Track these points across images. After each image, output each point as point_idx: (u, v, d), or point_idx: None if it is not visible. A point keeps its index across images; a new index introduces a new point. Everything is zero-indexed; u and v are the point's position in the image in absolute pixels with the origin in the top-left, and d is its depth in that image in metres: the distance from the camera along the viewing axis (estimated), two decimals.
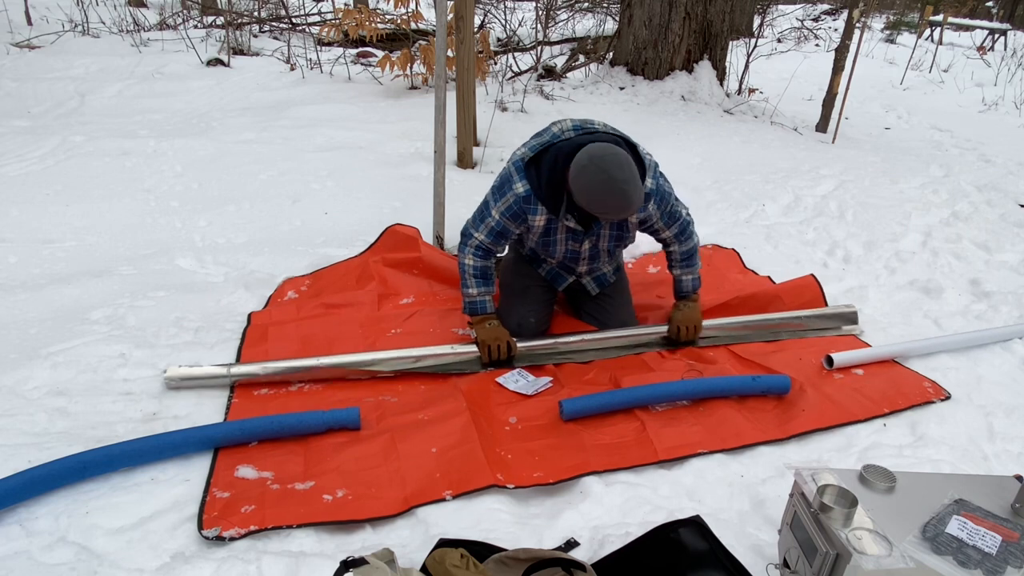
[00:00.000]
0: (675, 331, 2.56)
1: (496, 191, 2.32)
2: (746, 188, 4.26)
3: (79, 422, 1.95)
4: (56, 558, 1.51)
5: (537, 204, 2.25)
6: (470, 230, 2.39)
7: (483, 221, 2.35)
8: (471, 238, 2.38)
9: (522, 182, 2.24)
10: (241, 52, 6.71)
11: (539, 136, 2.32)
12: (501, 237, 2.35)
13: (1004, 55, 10.52)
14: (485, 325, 2.41)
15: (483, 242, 2.36)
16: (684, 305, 2.60)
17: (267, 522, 1.65)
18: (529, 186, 2.23)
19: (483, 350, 2.39)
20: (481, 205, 2.39)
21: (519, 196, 2.25)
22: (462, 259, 2.40)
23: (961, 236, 3.74)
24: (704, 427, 2.12)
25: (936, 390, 2.38)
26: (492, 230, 2.33)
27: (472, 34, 3.99)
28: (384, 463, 1.88)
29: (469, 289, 2.41)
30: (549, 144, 2.24)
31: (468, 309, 2.44)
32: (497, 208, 2.29)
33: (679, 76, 6.02)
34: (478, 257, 2.38)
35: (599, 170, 2.03)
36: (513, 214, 2.28)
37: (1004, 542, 1.33)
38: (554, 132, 2.29)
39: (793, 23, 12.52)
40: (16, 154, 3.82)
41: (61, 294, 2.60)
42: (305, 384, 2.24)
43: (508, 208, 2.27)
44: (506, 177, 2.30)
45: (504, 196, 2.28)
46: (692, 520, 1.67)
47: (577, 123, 2.30)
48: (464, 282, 2.41)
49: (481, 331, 2.41)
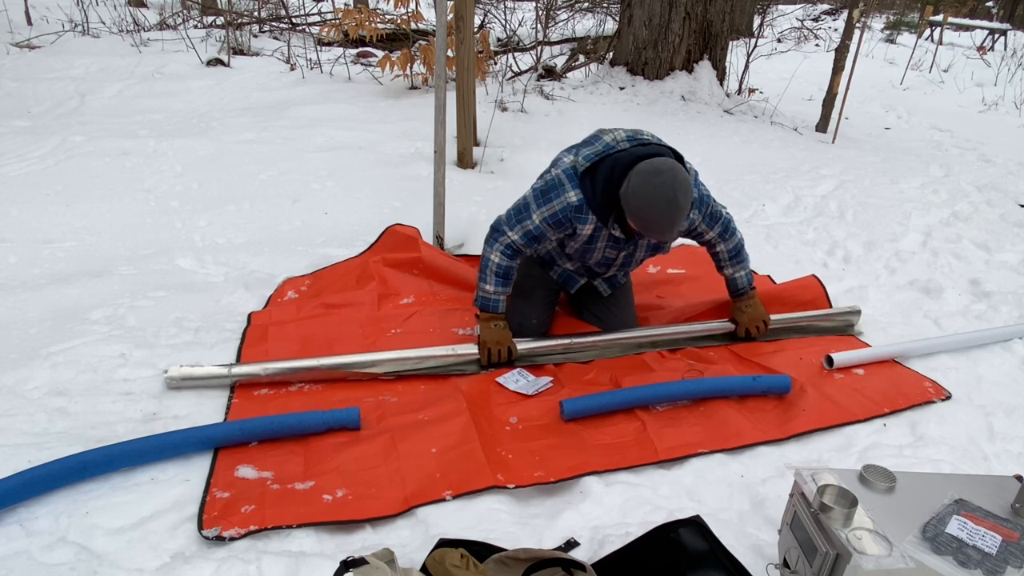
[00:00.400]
0: (744, 332, 2.61)
1: (541, 195, 2.27)
2: (746, 188, 4.26)
3: (79, 422, 1.95)
4: (56, 558, 1.51)
5: (588, 214, 2.23)
6: (504, 227, 2.33)
7: (520, 223, 2.29)
8: (503, 235, 2.33)
9: (575, 191, 2.21)
10: (241, 52, 6.71)
11: (590, 145, 2.27)
12: (536, 241, 2.32)
13: (1004, 55, 10.53)
14: (491, 325, 2.39)
15: (515, 242, 2.31)
16: (746, 305, 2.62)
17: (267, 522, 1.65)
18: (583, 196, 2.20)
19: (483, 351, 2.38)
20: (519, 205, 2.33)
21: (571, 205, 2.21)
22: (488, 254, 2.35)
23: (961, 236, 3.74)
24: (705, 427, 2.12)
25: (937, 390, 2.38)
26: (529, 233, 2.29)
27: (472, 34, 3.99)
28: (384, 463, 1.88)
29: (487, 285, 2.37)
30: (604, 155, 2.21)
31: (480, 303, 2.41)
32: (540, 213, 2.25)
33: (679, 76, 6.02)
34: (506, 256, 2.34)
35: (663, 189, 2.03)
36: (558, 221, 2.25)
37: (1004, 542, 1.33)
38: (607, 142, 2.24)
39: (793, 23, 12.52)
40: (16, 154, 3.82)
41: (61, 294, 2.60)
42: (305, 384, 2.24)
43: (554, 215, 2.24)
44: (555, 184, 2.24)
45: (550, 202, 2.23)
46: (692, 520, 1.66)
47: (630, 133, 2.26)
48: (483, 276, 2.37)
49: (486, 331, 2.39)
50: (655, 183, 2.04)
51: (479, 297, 2.41)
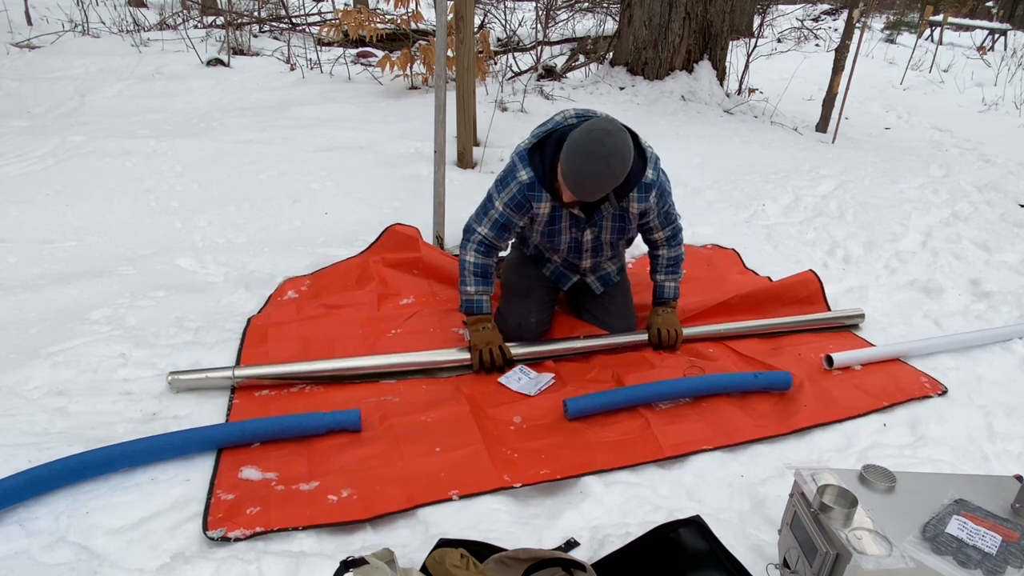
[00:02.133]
0: (656, 336, 2.54)
1: (499, 183, 2.31)
2: (746, 188, 4.26)
3: (79, 422, 1.95)
4: (56, 558, 1.51)
5: (541, 191, 2.24)
6: (473, 225, 2.37)
7: (486, 214, 2.33)
8: (474, 233, 2.36)
9: (526, 170, 2.23)
10: (241, 52, 6.71)
11: (542, 126, 2.32)
12: (504, 230, 2.33)
13: (1004, 55, 10.53)
14: (479, 328, 2.38)
15: (486, 236, 2.33)
16: (663, 311, 2.58)
17: (272, 524, 1.65)
18: (533, 173, 2.22)
19: (475, 355, 2.34)
20: (484, 200, 2.37)
21: (523, 184, 2.23)
22: (463, 256, 2.38)
23: (961, 236, 3.74)
24: (707, 424, 2.13)
25: (933, 385, 2.40)
26: (496, 223, 2.31)
27: (472, 34, 3.99)
28: (388, 463, 1.88)
29: (467, 287, 2.38)
30: (552, 130, 2.24)
31: (464, 308, 2.41)
32: (500, 199, 2.28)
33: (679, 76, 6.02)
34: (480, 254, 2.36)
35: (591, 142, 2.01)
36: (517, 203, 2.26)
37: (1004, 542, 1.33)
38: (556, 120, 2.29)
39: (793, 23, 12.52)
40: (16, 154, 3.82)
41: (61, 294, 2.60)
42: (307, 385, 2.24)
43: (512, 198, 2.26)
44: (509, 168, 2.29)
45: (507, 186, 2.26)
46: (692, 520, 1.67)
47: (580, 111, 2.30)
48: (463, 279, 2.39)
49: (475, 334, 2.37)
50: (585, 137, 2.03)
51: (463, 302, 2.41)
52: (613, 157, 2.03)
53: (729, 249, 3.46)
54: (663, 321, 2.56)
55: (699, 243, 3.51)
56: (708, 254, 3.39)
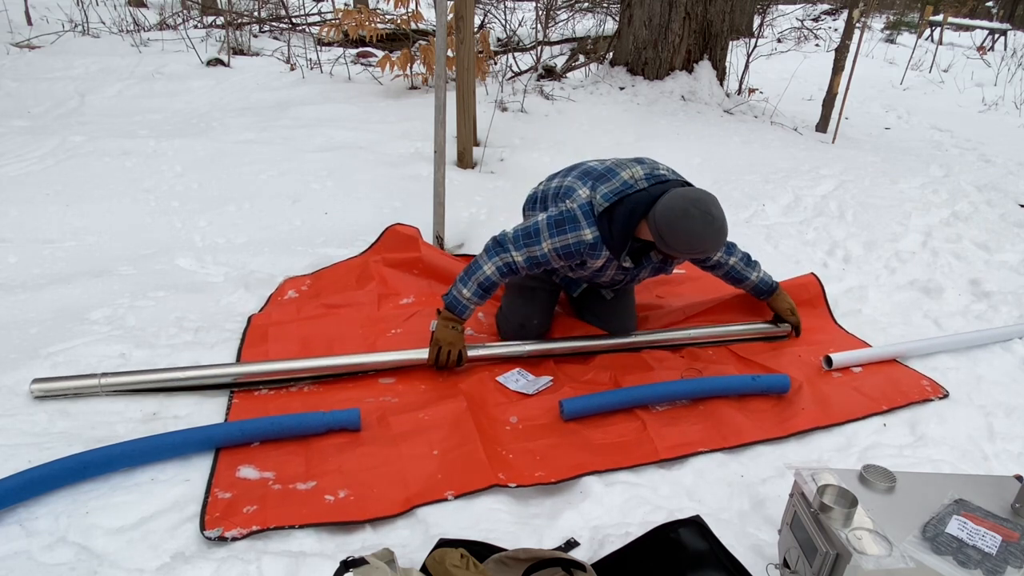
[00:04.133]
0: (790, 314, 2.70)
1: (554, 226, 2.23)
2: (746, 188, 4.26)
3: (79, 422, 1.95)
4: (56, 558, 1.51)
5: (603, 250, 2.23)
6: (509, 245, 2.27)
7: (528, 246, 2.25)
8: (507, 252, 2.27)
9: (591, 230, 2.19)
10: (241, 52, 6.71)
11: (607, 181, 2.24)
12: (537, 267, 2.30)
13: (1004, 55, 10.53)
14: (450, 326, 2.33)
15: (517, 264, 2.27)
16: (778, 295, 2.71)
17: (269, 522, 1.65)
18: (599, 235, 2.20)
19: (433, 349, 2.32)
20: (529, 229, 2.27)
21: (585, 242, 2.20)
22: (484, 263, 2.29)
23: (961, 236, 3.74)
24: (705, 426, 2.13)
25: (934, 388, 2.40)
26: (534, 259, 2.26)
27: (472, 34, 3.99)
28: (386, 463, 1.88)
29: (464, 289, 2.31)
30: (623, 194, 2.20)
31: (449, 301, 2.34)
32: (550, 242, 2.22)
33: (679, 76, 6.02)
34: (500, 272, 2.28)
35: (702, 213, 2.05)
36: (568, 254, 2.23)
37: (1004, 542, 1.33)
38: (625, 180, 2.22)
39: (793, 23, 12.53)
40: (16, 154, 3.82)
41: (61, 294, 2.60)
42: (305, 385, 2.24)
43: (565, 247, 2.22)
44: (571, 217, 2.21)
45: (564, 235, 2.21)
46: (692, 520, 1.67)
47: (647, 172, 2.25)
48: (466, 280, 2.31)
49: (442, 329, 2.32)
50: (696, 207, 2.06)
51: (451, 295, 2.34)
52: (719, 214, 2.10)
53: None
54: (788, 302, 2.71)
55: None
56: None
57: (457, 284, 2.32)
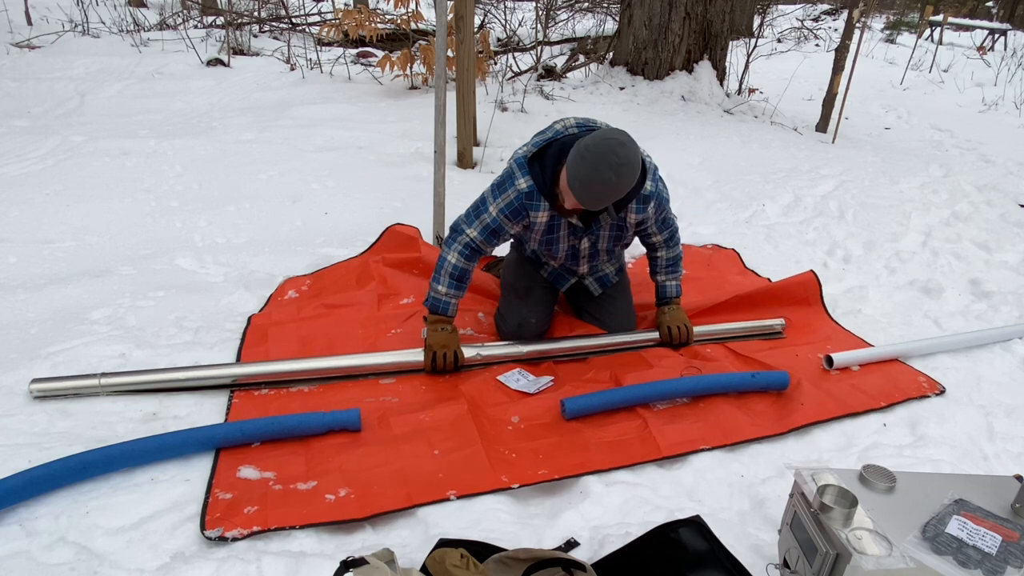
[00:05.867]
0: (667, 334, 2.56)
1: (496, 188, 2.29)
2: (746, 188, 4.26)
3: (79, 422, 1.95)
4: (56, 558, 1.51)
5: (540, 200, 2.23)
6: (462, 226, 2.32)
7: (478, 217, 2.29)
8: (461, 234, 2.31)
9: (525, 178, 2.22)
10: (241, 52, 6.71)
11: (542, 134, 2.31)
12: (495, 236, 2.31)
13: (1004, 55, 10.52)
14: (439, 328, 2.34)
15: (474, 239, 2.30)
16: (669, 309, 2.60)
17: (270, 523, 1.65)
18: (532, 181, 2.21)
19: (428, 355, 2.31)
20: (477, 201, 2.34)
21: (521, 192, 2.22)
22: (445, 254, 2.33)
23: (961, 236, 3.74)
24: (706, 424, 2.13)
25: (931, 384, 2.41)
26: (487, 227, 2.28)
27: (472, 34, 3.99)
28: (386, 463, 1.88)
29: (439, 286, 2.32)
30: (552, 139, 2.23)
31: (430, 304, 2.36)
32: (496, 204, 2.26)
33: (679, 76, 6.02)
34: (463, 257, 2.31)
35: (601, 150, 1.98)
36: (514, 211, 2.25)
37: (1004, 542, 1.33)
38: (557, 129, 2.28)
39: (793, 23, 12.53)
40: (16, 154, 3.82)
41: (61, 294, 2.60)
42: (306, 385, 2.24)
43: (508, 204, 2.24)
44: (507, 174, 2.27)
45: (505, 192, 2.25)
46: (692, 520, 1.67)
47: (580, 120, 2.29)
48: (437, 277, 2.33)
49: (432, 334, 2.34)
50: (597, 146, 1.99)
51: (430, 297, 2.36)
52: (623, 168, 2.00)
53: (729, 249, 3.46)
54: (671, 318, 2.57)
55: (699, 243, 3.51)
56: (708, 254, 3.39)
57: (432, 284, 2.35)
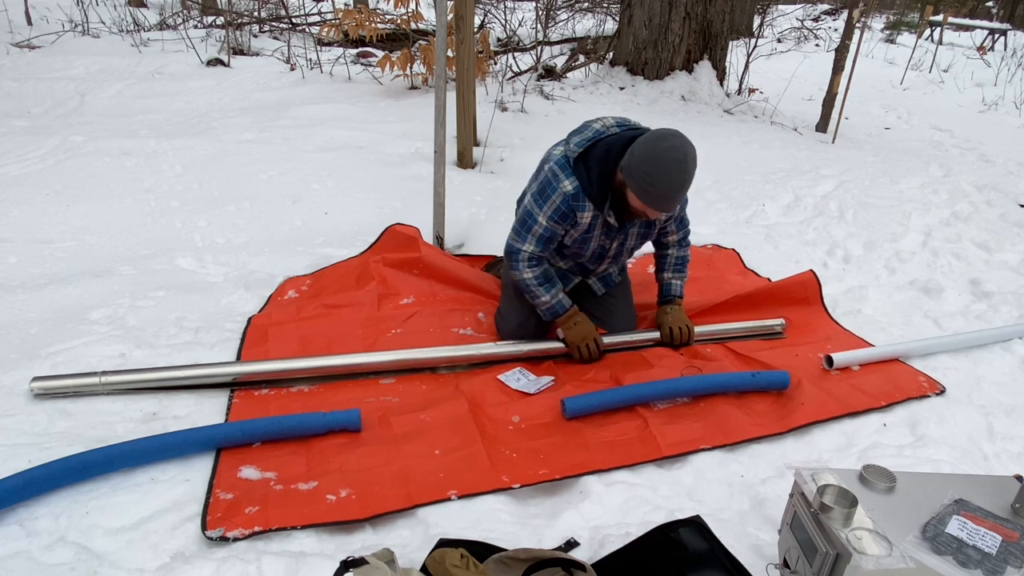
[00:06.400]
0: (668, 334, 2.56)
1: (539, 196, 2.26)
2: (746, 188, 4.26)
3: (79, 422, 1.95)
4: (56, 558, 1.51)
5: (585, 201, 2.22)
6: (516, 245, 2.32)
7: (529, 231, 2.29)
8: (519, 253, 2.32)
9: (570, 179, 2.19)
10: (241, 52, 6.71)
11: (580, 133, 2.27)
12: (549, 243, 2.32)
13: (1004, 55, 10.52)
14: (571, 324, 2.40)
15: (534, 252, 2.31)
16: (671, 308, 2.59)
17: (271, 523, 1.65)
18: (578, 183, 2.19)
19: (574, 352, 2.39)
20: (522, 216, 2.32)
21: (567, 195, 2.20)
22: (520, 276, 2.34)
23: (961, 236, 3.74)
24: (706, 423, 2.13)
25: (931, 384, 2.41)
26: (540, 238, 2.28)
27: (472, 34, 3.99)
28: (387, 464, 1.88)
29: (541, 298, 2.37)
30: (595, 140, 2.20)
31: (549, 315, 2.42)
32: (543, 213, 2.24)
33: (679, 76, 6.02)
34: (533, 267, 2.33)
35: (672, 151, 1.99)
36: (561, 215, 2.23)
37: (1004, 542, 1.33)
38: (597, 129, 2.24)
39: (793, 23, 12.53)
40: (16, 154, 3.82)
41: (61, 294, 2.60)
42: (306, 385, 2.24)
43: (556, 210, 2.23)
44: (548, 180, 2.24)
45: (549, 199, 2.23)
46: (692, 520, 1.67)
47: (618, 119, 2.27)
48: (532, 294, 2.37)
49: (569, 333, 2.40)
50: (664, 146, 2.00)
51: (545, 312, 2.41)
52: (691, 165, 2.02)
53: (729, 249, 3.46)
54: (673, 319, 2.57)
55: (699, 243, 3.51)
56: (708, 254, 3.39)
57: (535, 302, 2.39)
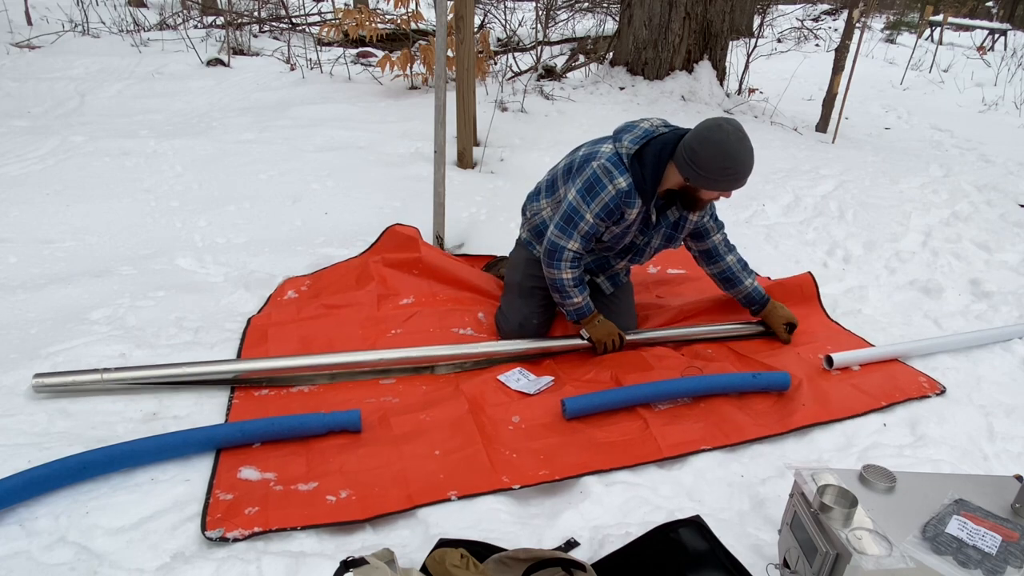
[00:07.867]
0: (786, 331, 2.64)
1: (586, 194, 2.26)
2: (746, 188, 4.19)
3: (79, 422, 1.95)
4: (56, 558, 1.51)
5: (635, 198, 2.24)
6: (561, 243, 2.32)
7: (575, 228, 2.29)
8: (564, 251, 2.32)
9: (624, 176, 2.21)
10: (241, 52, 6.71)
11: (629, 131, 2.28)
12: (592, 240, 2.34)
13: (1004, 55, 10.52)
14: (595, 323, 2.45)
15: (578, 250, 2.33)
16: (773, 305, 2.67)
17: (271, 524, 1.64)
18: (632, 180, 2.21)
19: (600, 348, 2.46)
20: (567, 213, 2.31)
21: (621, 191, 2.21)
22: (559, 275, 2.35)
23: (961, 236, 3.74)
24: (706, 424, 2.13)
25: (931, 384, 2.41)
26: (586, 235, 2.30)
27: (472, 34, 3.99)
28: (387, 464, 1.88)
29: (574, 299, 2.39)
30: (648, 138, 2.23)
31: (576, 317, 2.45)
32: (591, 211, 2.25)
33: (679, 76, 6.02)
34: (574, 268, 2.35)
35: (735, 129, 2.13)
36: (609, 212, 2.25)
37: (1004, 542, 1.33)
38: (646, 128, 2.28)
39: (793, 23, 12.53)
40: (16, 154, 3.82)
41: (61, 294, 2.60)
42: (306, 385, 2.24)
43: (604, 207, 2.24)
44: (596, 178, 2.24)
45: (598, 196, 2.24)
46: (692, 520, 1.67)
47: (663, 121, 2.32)
48: (566, 294, 2.39)
49: (594, 331, 2.44)
50: (724, 127, 2.11)
51: (572, 312, 2.44)
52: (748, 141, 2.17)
53: None
54: (785, 313, 2.66)
55: None
56: None
57: (566, 302, 2.42)
